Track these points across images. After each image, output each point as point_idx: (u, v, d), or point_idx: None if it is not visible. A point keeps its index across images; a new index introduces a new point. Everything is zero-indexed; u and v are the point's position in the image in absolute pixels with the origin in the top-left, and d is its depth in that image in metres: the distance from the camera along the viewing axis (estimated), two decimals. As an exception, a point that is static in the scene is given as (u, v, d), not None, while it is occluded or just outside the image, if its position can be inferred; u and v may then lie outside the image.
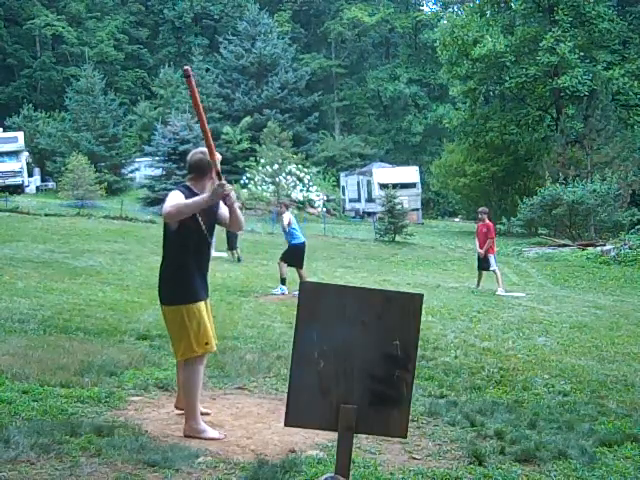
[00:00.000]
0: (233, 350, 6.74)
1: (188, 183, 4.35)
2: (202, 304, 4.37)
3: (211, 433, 4.29)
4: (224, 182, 4.11)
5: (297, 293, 11.39)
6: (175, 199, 4.12)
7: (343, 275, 15.59)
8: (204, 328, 4.30)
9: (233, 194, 4.16)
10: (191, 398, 4.30)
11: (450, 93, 38.41)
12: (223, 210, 4.40)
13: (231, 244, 17.22)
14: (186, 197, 4.17)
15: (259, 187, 32.86)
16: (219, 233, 9.95)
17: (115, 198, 34.70)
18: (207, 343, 4.33)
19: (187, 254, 4.27)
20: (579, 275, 17.99)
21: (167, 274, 4.33)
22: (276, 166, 33.20)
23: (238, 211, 4.39)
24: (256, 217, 29.78)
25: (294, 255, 12.04)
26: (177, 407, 4.70)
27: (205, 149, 4.20)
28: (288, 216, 12.22)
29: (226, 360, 6.25)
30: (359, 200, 38.51)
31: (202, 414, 4.45)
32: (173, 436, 4.28)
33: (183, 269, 4.27)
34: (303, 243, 12.24)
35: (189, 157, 4.41)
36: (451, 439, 4.55)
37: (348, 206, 40.08)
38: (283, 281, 11.89)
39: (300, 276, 11.72)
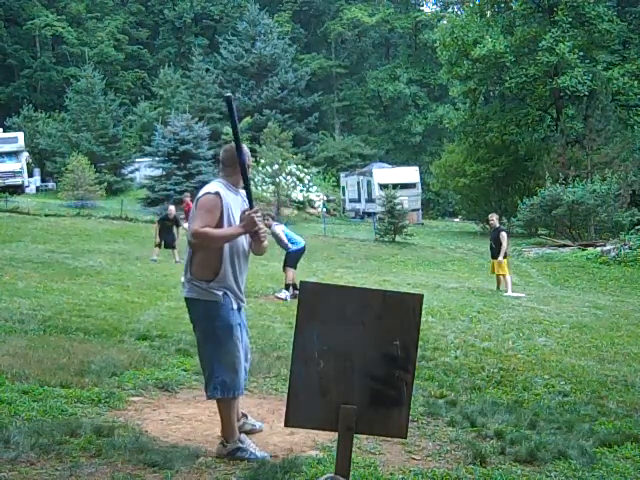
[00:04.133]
0: (233, 350, 6.72)
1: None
2: None
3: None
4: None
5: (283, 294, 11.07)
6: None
7: (343, 275, 15.57)
8: None
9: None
10: None
11: (450, 93, 38.33)
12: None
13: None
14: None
15: (259, 187, 32.81)
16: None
17: (115, 198, 34.72)
18: None
19: None
20: (579, 275, 17.99)
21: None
22: (276, 166, 33.15)
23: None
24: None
25: (297, 258, 11.86)
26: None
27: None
28: (280, 227, 11.78)
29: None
30: (359, 200, 38.45)
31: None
32: (173, 436, 4.28)
33: None
34: (305, 246, 12.03)
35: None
36: (451, 439, 4.54)
37: (348, 206, 40.01)
38: (287, 287, 11.51)
39: (290, 277, 11.50)
